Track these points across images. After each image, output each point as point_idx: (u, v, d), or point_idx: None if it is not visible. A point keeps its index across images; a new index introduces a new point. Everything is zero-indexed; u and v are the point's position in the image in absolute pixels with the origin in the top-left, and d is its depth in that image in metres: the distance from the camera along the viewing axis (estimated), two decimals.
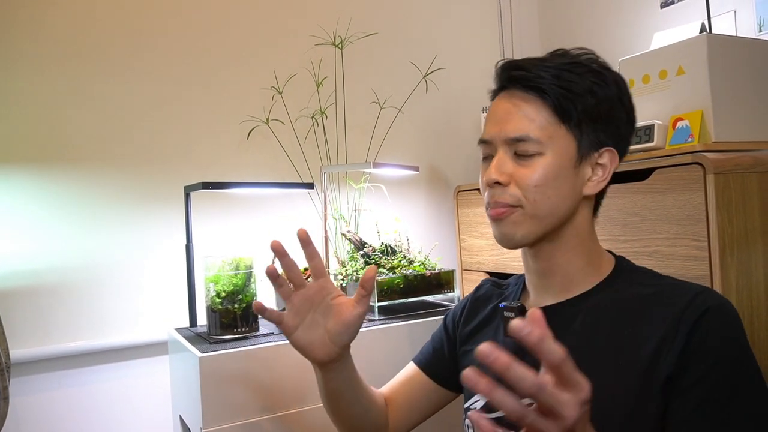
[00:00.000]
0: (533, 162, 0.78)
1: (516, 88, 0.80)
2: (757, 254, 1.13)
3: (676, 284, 0.77)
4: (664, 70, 1.28)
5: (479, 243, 1.79)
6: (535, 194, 0.78)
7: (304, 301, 0.85)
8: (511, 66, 0.81)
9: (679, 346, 0.70)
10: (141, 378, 1.57)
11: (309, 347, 0.84)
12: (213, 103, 1.71)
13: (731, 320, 0.72)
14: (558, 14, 2.20)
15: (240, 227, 1.72)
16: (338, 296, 0.86)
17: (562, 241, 0.82)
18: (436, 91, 1.95)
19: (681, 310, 0.71)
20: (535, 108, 0.78)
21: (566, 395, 0.52)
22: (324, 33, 1.82)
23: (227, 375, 1.17)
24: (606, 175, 0.82)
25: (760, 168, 1.15)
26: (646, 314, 0.75)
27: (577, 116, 0.78)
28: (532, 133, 0.78)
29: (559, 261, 0.82)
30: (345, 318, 0.83)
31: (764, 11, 1.51)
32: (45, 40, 1.50)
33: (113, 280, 1.55)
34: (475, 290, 1.04)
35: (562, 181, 0.79)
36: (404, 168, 1.63)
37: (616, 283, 0.81)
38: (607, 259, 0.85)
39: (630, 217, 1.25)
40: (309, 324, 0.84)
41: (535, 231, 0.79)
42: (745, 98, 1.26)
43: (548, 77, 0.78)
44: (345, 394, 0.91)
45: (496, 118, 0.81)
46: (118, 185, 1.57)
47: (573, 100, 0.78)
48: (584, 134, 0.79)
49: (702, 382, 0.68)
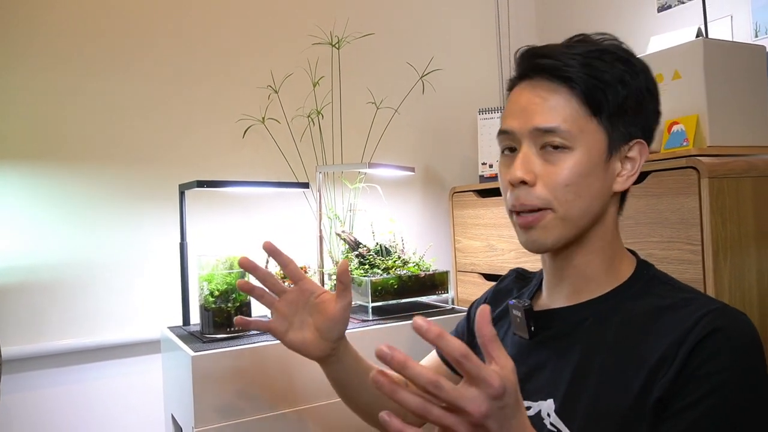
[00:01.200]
0: (562, 159, 0.72)
1: (541, 77, 0.74)
2: (750, 258, 1.14)
3: (692, 299, 0.70)
4: (660, 74, 1.28)
5: (474, 244, 1.79)
6: (566, 194, 0.72)
7: (287, 306, 0.87)
8: (535, 53, 0.76)
9: (676, 368, 0.64)
10: (133, 376, 1.57)
11: (303, 346, 0.86)
12: (209, 101, 1.70)
13: (741, 344, 0.64)
14: (555, 17, 2.21)
15: (235, 226, 1.72)
16: (321, 294, 0.87)
17: (587, 243, 0.76)
18: (432, 92, 1.95)
19: (687, 330, 0.65)
20: (564, 99, 0.73)
21: (472, 390, 0.52)
22: (321, 33, 1.82)
23: (220, 374, 1.17)
24: (636, 169, 0.76)
25: (754, 173, 1.15)
26: (653, 330, 0.69)
27: (608, 108, 0.73)
28: (562, 125, 0.72)
29: (578, 262, 0.77)
30: (330, 313, 0.85)
31: (760, 17, 1.52)
32: (40, 39, 1.50)
33: (107, 277, 1.54)
34: (499, 281, 1.00)
35: (594, 179, 0.73)
36: (400, 168, 1.63)
37: (632, 290, 0.76)
38: (629, 261, 0.80)
39: (625, 220, 1.25)
40: (298, 325, 0.87)
41: (566, 235, 0.74)
42: (741, 103, 1.27)
43: (577, 66, 0.72)
44: (351, 382, 0.92)
45: (519, 108, 0.75)
46: (113, 183, 1.57)
47: (604, 90, 0.72)
48: (615, 127, 0.74)
49: (691, 410, 0.62)
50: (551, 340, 0.79)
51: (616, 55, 0.74)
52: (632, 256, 0.81)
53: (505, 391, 0.52)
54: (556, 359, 0.76)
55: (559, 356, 0.76)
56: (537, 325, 0.81)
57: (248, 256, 0.86)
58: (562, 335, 0.78)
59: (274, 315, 0.87)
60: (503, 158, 0.79)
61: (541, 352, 0.79)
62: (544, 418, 0.74)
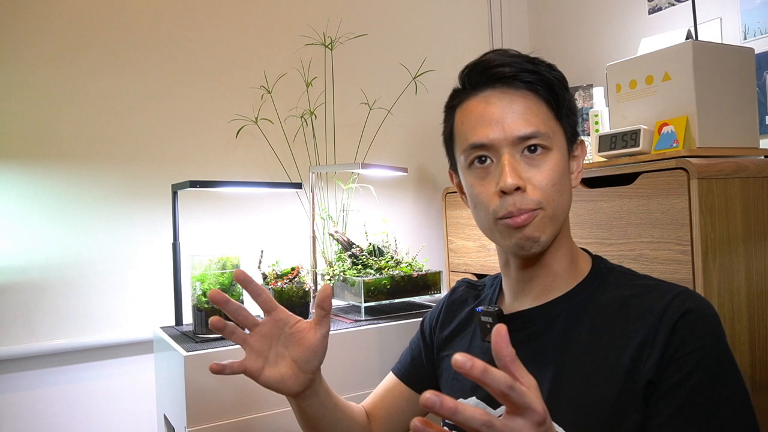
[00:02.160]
0: (544, 160, 0.74)
1: (501, 86, 0.76)
2: (738, 258, 1.15)
3: (653, 285, 0.75)
4: (651, 75, 1.30)
5: (467, 245, 1.79)
6: (553, 194, 0.74)
7: (261, 340, 0.81)
8: (490, 65, 0.77)
9: (659, 351, 0.68)
10: (126, 376, 1.57)
11: (281, 383, 0.80)
12: (202, 101, 1.70)
13: (711, 322, 0.70)
14: (547, 19, 2.22)
15: (227, 226, 1.72)
16: (296, 323, 0.81)
17: (556, 241, 0.79)
18: (425, 93, 1.96)
19: (660, 314, 0.70)
20: (534, 103, 0.75)
21: (518, 422, 0.51)
22: (314, 33, 1.82)
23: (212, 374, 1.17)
24: (581, 167, 0.81)
25: (743, 174, 1.17)
26: (624, 318, 0.73)
27: (563, 110, 0.77)
28: (541, 128, 0.74)
29: (548, 261, 0.80)
30: (309, 343, 0.80)
31: (749, 19, 1.54)
32: (34, 38, 1.49)
33: (99, 277, 1.54)
34: (450, 293, 1.00)
35: (567, 177, 0.77)
36: (393, 169, 1.64)
37: (595, 283, 0.79)
38: (584, 257, 0.84)
39: (615, 220, 1.27)
40: (273, 360, 0.80)
41: (553, 233, 0.76)
42: (730, 105, 1.28)
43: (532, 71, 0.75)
44: (324, 417, 0.87)
45: (491, 119, 0.75)
46: (105, 182, 1.56)
47: (557, 93, 0.76)
48: (566, 128, 0.78)
49: (681, 386, 0.66)
50: (525, 341, 0.79)
51: (545, 63, 0.78)
52: (584, 252, 0.85)
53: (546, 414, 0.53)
54: (533, 360, 0.77)
55: (536, 356, 0.77)
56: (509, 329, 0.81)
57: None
58: (535, 336, 0.79)
59: (248, 352, 0.80)
60: (475, 170, 0.77)
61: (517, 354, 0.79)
62: None
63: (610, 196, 1.28)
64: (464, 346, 0.89)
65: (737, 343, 1.13)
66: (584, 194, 1.34)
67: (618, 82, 1.37)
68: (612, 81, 1.39)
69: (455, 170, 0.86)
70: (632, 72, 1.34)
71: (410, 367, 0.99)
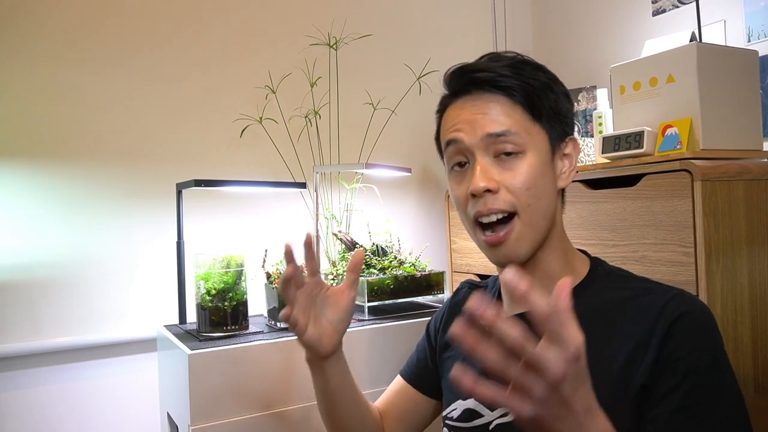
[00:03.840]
0: (517, 164, 0.75)
1: (480, 91, 0.78)
2: (742, 260, 1.15)
3: (649, 288, 0.76)
4: (655, 77, 1.30)
5: (470, 245, 1.80)
6: (528, 198, 0.75)
7: (306, 299, 0.85)
8: (469, 70, 0.79)
9: (653, 355, 0.68)
10: (129, 374, 1.57)
11: (319, 341, 0.85)
12: (206, 101, 1.71)
13: (706, 326, 0.70)
14: (551, 20, 2.22)
15: (231, 225, 1.72)
16: (329, 288, 0.88)
17: (547, 244, 0.79)
18: (429, 94, 1.95)
19: (654, 317, 0.70)
20: (508, 107, 0.76)
21: (552, 350, 0.50)
22: (319, 33, 1.82)
23: (216, 372, 1.18)
24: (574, 165, 0.82)
25: (746, 176, 1.17)
26: (619, 321, 0.73)
27: (546, 111, 0.78)
28: (512, 128, 0.75)
29: (542, 264, 0.80)
30: (342, 304, 0.87)
31: (753, 21, 1.54)
32: (38, 37, 1.50)
33: (103, 276, 1.54)
34: (453, 295, 1.02)
35: (546, 179, 0.77)
36: (396, 169, 1.64)
37: (593, 286, 0.79)
38: (581, 258, 0.84)
39: (619, 222, 1.27)
40: (314, 320, 0.86)
41: (535, 241, 0.77)
42: (733, 107, 1.28)
43: (511, 75, 0.76)
44: (344, 393, 0.90)
45: (464, 121, 0.77)
46: (110, 181, 1.57)
47: (539, 95, 0.77)
48: (552, 128, 0.79)
49: (676, 391, 0.66)
50: None
51: (534, 65, 0.79)
52: (582, 253, 0.85)
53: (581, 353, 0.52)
54: None
55: None
56: None
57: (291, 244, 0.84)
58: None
59: (296, 309, 0.84)
60: (454, 174, 0.80)
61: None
62: None
63: (613, 197, 1.28)
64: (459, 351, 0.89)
65: (740, 345, 1.13)
66: (587, 196, 1.34)
67: (622, 83, 1.37)
68: (616, 83, 1.39)
69: None
70: (636, 74, 1.34)
71: (417, 369, 1.00)
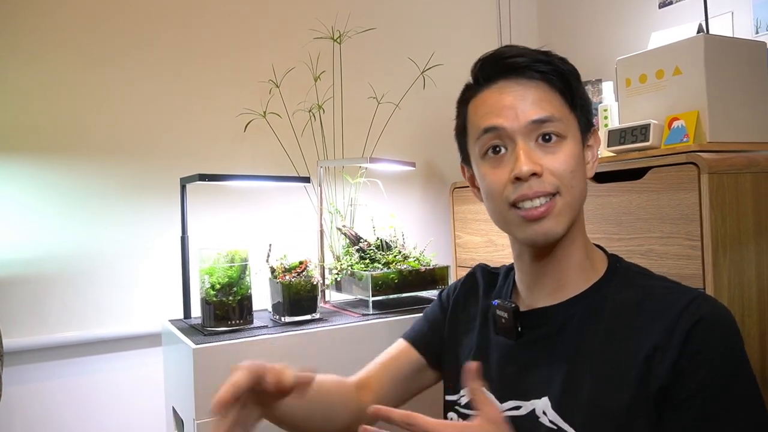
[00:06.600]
0: (559, 148, 0.74)
1: (519, 76, 0.76)
2: (749, 254, 1.14)
3: (670, 288, 0.74)
4: (661, 69, 1.29)
5: (474, 240, 1.79)
6: (570, 180, 0.74)
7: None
8: (505, 55, 0.77)
9: (672, 357, 0.67)
10: (134, 369, 1.57)
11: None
12: (210, 95, 1.70)
13: (727, 330, 0.68)
14: (556, 13, 2.20)
15: (236, 220, 1.72)
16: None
17: (569, 234, 0.77)
18: (433, 87, 1.95)
19: (674, 319, 0.68)
20: (548, 92, 0.75)
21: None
22: (322, 27, 1.82)
23: (221, 367, 1.18)
24: (596, 156, 0.81)
25: (754, 169, 1.16)
26: (638, 321, 0.72)
27: (577, 100, 0.77)
28: (556, 114, 0.74)
29: (561, 255, 0.78)
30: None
31: (761, 13, 1.52)
32: (42, 32, 1.50)
33: (108, 270, 1.55)
34: (466, 277, 0.99)
35: (582, 166, 0.77)
36: (400, 164, 1.64)
37: (613, 283, 0.78)
38: (599, 254, 0.82)
39: (625, 215, 1.26)
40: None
41: (571, 221, 0.75)
42: (741, 99, 1.27)
43: (546, 61, 0.76)
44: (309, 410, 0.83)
45: (504, 106, 0.75)
46: (115, 176, 1.57)
47: (571, 84, 0.77)
48: (582, 117, 0.79)
49: (696, 395, 0.65)
50: (540, 339, 0.79)
51: (557, 56, 0.78)
52: (599, 249, 0.84)
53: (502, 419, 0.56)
54: (547, 357, 0.77)
55: (550, 354, 0.77)
56: (524, 326, 0.81)
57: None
58: (550, 335, 0.78)
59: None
60: (489, 160, 0.77)
61: (531, 351, 0.79)
62: (540, 417, 0.74)
63: (619, 191, 1.27)
64: (472, 340, 0.89)
65: (747, 338, 1.12)
66: (593, 189, 1.33)
67: (628, 76, 1.36)
68: (622, 75, 1.38)
69: (468, 163, 0.87)
70: (642, 66, 1.33)
71: (425, 333, 0.96)
